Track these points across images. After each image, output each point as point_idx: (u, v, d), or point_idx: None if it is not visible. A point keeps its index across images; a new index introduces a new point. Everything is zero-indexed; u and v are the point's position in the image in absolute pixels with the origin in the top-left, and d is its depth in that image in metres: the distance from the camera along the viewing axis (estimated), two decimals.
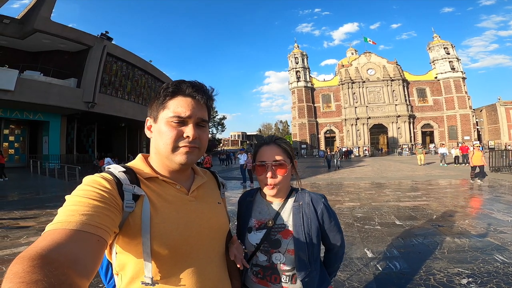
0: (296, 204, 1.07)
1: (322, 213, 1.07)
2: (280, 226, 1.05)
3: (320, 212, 1.07)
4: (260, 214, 1.11)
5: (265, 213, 1.10)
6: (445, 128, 42.33)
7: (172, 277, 0.75)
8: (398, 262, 3.47)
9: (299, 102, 45.83)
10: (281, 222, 1.06)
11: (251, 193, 1.20)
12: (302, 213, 1.05)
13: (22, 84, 16.60)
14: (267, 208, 1.10)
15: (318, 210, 1.07)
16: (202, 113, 0.83)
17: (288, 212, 1.07)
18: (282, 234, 1.04)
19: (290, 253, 1.01)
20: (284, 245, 1.02)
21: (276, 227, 1.05)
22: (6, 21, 17.77)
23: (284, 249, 1.02)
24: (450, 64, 42.53)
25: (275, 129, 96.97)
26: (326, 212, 1.08)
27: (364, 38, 46.58)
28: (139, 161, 0.84)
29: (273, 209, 1.09)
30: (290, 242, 1.02)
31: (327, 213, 1.09)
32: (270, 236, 1.04)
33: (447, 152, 20.11)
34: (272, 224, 1.05)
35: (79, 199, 0.62)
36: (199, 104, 0.82)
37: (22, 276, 0.40)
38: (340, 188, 10.37)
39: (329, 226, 1.09)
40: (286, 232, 1.04)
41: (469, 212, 5.95)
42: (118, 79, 24.76)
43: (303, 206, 1.07)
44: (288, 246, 1.02)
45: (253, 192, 1.20)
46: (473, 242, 4.06)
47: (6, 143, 21.11)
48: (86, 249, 0.53)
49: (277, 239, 1.03)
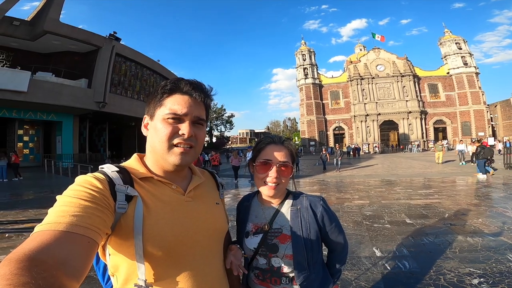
0: (294, 209, 1.05)
1: (322, 216, 1.05)
2: (277, 230, 1.03)
3: (320, 216, 1.05)
4: (257, 218, 1.09)
5: (261, 217, 1.08)
6: (458, 124, 41.29)
7: (166, 279, 0.73)
8: (408, 261, 3.40)
9: (307, 99, 45.50)
10: (277, 227, 1.04)
11: (248, 197, 1.19)
12: (300, 218, 1.03)
13: (34, 85, 17.04)
14: (262, 212, 1.09)
15: (317, 214, 1.05)
16: (199, 111, 0.81)
17: (284, 216, 1.05)
18: (279, 239, 1.02)
19: (288, 258, 1.00)
20: (282, 250, 1.01)
21: (272, 232, 1.04)
22: (16, 23, 18.23)
23: (282, 254, 1.01)
24: (462, 60, 41.44)
25: (283, 127, 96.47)
26: (326, 214, 1.06)
27: (372, 34, 45.73)
28: (134, 160, 0.83)
29: (269, 213, 1.07)
30: (288, 247, 1.00)
31: (327, 216, 1.07)
32: (267, 240, 1.03)
33: (466, 149, 17.69)
34: (268, 228, 1.04)
35: (69, 199, 0.61)
36: (197, 102, 0.81)
37: (9, 278, 0.39)
38: (349, 185, 10.25)
39: (330, 228, 1.08)
40: (283, 237, 1.02)
41: (483, 211, 5.78)
42: (127, 79, 25.15)
43: (301, 210, 1.05)
44: (286, 251, 1.00)
45: (250, 196, 1.19)
46: (486, 241, 3.95)
47: (21, 143, 21.74)
48: (75, 250, 0.52)
49: (274, 244, 1.02)
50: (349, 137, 44.26)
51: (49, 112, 20.51)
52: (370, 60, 44.60)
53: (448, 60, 42.48)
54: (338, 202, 7.25)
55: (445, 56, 43.08)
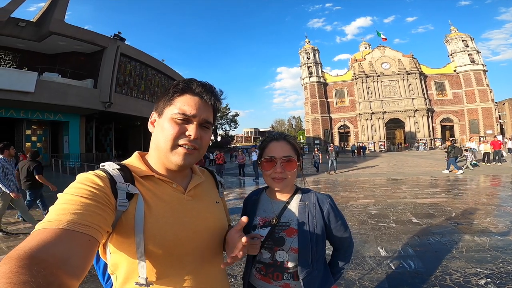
0: (302, 204, 1.08)
1: (328, 213, 1.08)
2: (285, 224, 1.06)
3: (326, 212, 1.08)
4: (265, 212, 1.12)
5: (269, 211, 1.11)
6: (466, 122, 40.71)
7: (167, 277, 0.74)
8: (413, 261, 3.36)
9: (311, 98, 45.29)
10: (285, 220, 1.06)
11: (256, 192, 1.22)
12: (308, 213, 1.06)
13: (41, 85, 17.24)
14: (271, 206, 1.11)
15: (324, 210, 1.08)
16: (207, 114, 0.82)
17: (293, 211, 1.08)
18: (286, 232, 1.04)
19: (293, 251, 1.02)
20: (288, 243, 1.03)
21: (280, 225, 1.06)
22: (22, 24, 18.42)
23: (288, 247, 1.03)
24: (469, 57, 40.84)
25: (288, 125, 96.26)
26: (332, 212, 1.09)
27: (377, 32, 45.36)
28: (135, 159, 0.83)
29: (277, 207, 1.10)
30: (294, 240, 1.02)
31: (333, 213, 1.09)
32: (274, 233, 1.05)
33: (476, 147, 16.34)
34: (276, 221, 1.06)
35: (70, 197, 0.61)
36: (206, 105, 0.82)
37: (9, 276, 0.39)
38: (354, 184, 10.18)
39: (336, 226, 1.10)
40: (290, 230, 1.04)
41: (491, 210, 5.69)
42: (132, 78, 25.32)
43: (309, 206, 1.07)
44: (292, 244, 1.02)
45: (258, 191, 1.21)
46: (494, 241, 3.89)
47: (29, 143, 22.03)
48: (76, 249, 0.52)
49: (281, 237, 1.04)
50: (355, 136, 43.97)
51: (56, 112, 20.74)
52: (375, 58, 44.21)
53: (455, 58, 41.88)
54: (343, 200, 7.21)
55: (452, 54, 42.48)
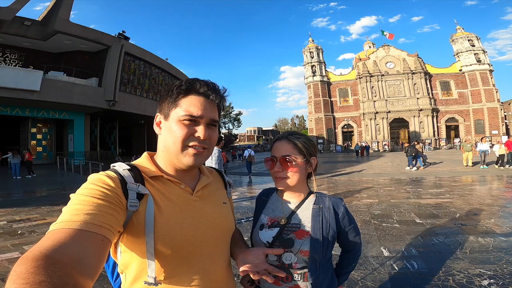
0: (316, 207, 1.06)
1: (343, 217, 1.08)
2: (294, 225, 1.04)
3: (341, 216, 1.07)
4: (274, 212, 1.11)
5: (278, 211, 1.09)
6: (471, 122, 40.24)
7: (175, 277, 0.75)
8: (416, 261, 3.36)
9: (315, 97, 45.08)
10: (295, 222, 1.04)
11: (268, 192, 1.21)
12: (322, 217, 1.04)
13: (47, 84, 17.43)
14: (281, 207, 1.10)
15: (339, 214, 1.07)
16: (213, 113, 0.83)
17: (305, 213, 1.06)
18: (296, 233, 1.02)
19: (302, 254, 1.00)
20: (297, 245, 1.01)
21: (289, 226, 1.05)
22: (27, 23, 18.60)
23: (297, 249, 1.00)
24: (475, 57, 40.23)
25: (291, 124, 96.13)
26: (346, 216, 1.09)
27: (381, 31, 44.99)
28: (145, 159, 0.85)
29: (288, 208, 1.09)
30: (305, 243, 1.00)
31: (348, 217, 1.09)
32: (282, 235, 1.04)
33: (489, 149, 14.43)
34: (285, 222, 1.04)
35: (83, 198, 0.62)
36: (212, 104, 0.83)
37: (25, 277, 0.40)
38: (358, 184, 10.16)
39: (349, 229, 1.10)
40: (300, 232, 1.02)
41: (495, 211, 5.66)
42: (136, 77, 25.45)
43: (323, 209, 1.06)
44: (302, 247, 1.00)
45: (270, 191, 1.21)
46: (498, 242, 3.87)
47: (34, 141, 22.28)
48: (90, 249, 0.54)
49: (290, 238, 1.02)
50: (358, 135, 43.71)
51: (61, 110, 20.94)
52: (380, 57, 43.81)
53: (461, 57, 41.33)
54: (346, 201, 7.13)
55: (458, 53, 41.89)
